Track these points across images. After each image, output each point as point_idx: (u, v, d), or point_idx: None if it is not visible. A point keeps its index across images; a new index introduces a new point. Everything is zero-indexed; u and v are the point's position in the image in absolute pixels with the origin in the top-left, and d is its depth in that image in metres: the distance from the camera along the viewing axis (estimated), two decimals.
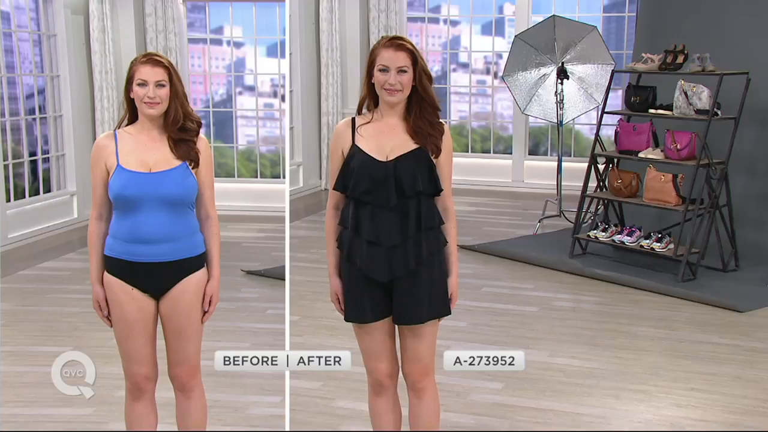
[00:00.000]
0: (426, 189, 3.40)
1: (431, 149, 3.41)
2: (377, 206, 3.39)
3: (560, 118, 8.74)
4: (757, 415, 4.65)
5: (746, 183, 7.48)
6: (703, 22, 7.72)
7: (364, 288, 3.45)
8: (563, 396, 4.88)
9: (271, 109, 10.57)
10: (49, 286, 7.12)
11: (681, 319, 6.16)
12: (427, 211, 3.42)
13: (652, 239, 7.12)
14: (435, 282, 3.47)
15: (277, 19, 10.33)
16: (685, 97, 6.91)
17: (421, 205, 3.40)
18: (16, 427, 4.55)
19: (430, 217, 3.43)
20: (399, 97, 3.38)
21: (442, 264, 3.50)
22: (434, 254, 3.45)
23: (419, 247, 3.41)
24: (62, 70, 9.14)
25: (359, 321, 3.50)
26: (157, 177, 3.48)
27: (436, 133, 3.42)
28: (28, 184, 8.86)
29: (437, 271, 3.47)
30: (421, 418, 3.60)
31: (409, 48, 3.38)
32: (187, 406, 3.72)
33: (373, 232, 3.39)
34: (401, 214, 3.39)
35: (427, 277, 3.44)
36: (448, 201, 3.51)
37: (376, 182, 3.37)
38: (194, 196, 3.57)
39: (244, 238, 8.63)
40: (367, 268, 3.42)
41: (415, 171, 3.38)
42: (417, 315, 3.45)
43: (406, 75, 3.36)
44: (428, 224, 3.42)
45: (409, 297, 3.44)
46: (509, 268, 7.51)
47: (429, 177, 3.40)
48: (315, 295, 6.62)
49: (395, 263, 3.40)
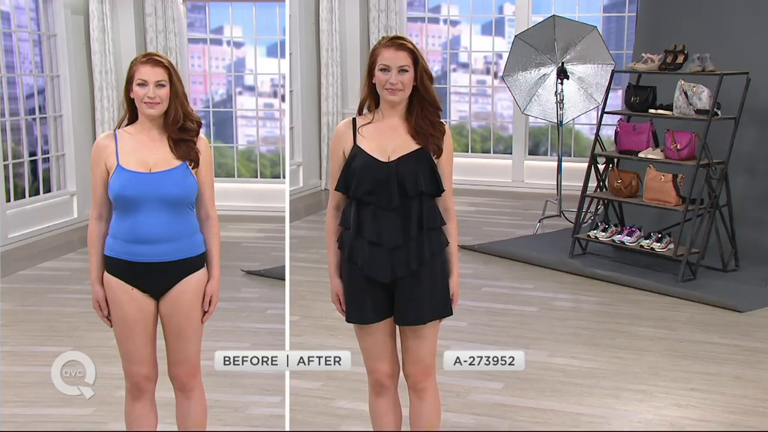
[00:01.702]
0: (428, 189, 3.40)
1: (433, 149, 3.41)
2: (379, 207, 3.39)
3: (560, 118, 8.74)
4: (757, 415, 4.65)
5: (746, 183, 7.48)
6: (703, 22, 7.72)
7: (366, 288, 3.45)
8: (563, 396, 4.88)
9: (271, 109, 10.57)
10: (49, 286, 7.12)
11: (681, 319, 6.16)
12: (429, 211, 3.42)
13: (652, 239, 7.12)
14: (437, 282, 3.47)
15: (277, 19, 10.33)
16: (685, 97, 6.91)
17: (423, 205, 3.40)
18: (16, 427, 4.55)
19: (432, 217, 3.43)
20: (400, 97, 3.37)
21: (444, 264, 3.50)
22: (436, 255, 3.45)
23: (421, 248, 3.41)
24: (62, 70, 9.13)
25: (361, 322, 3.49)
26: (157, 177, 3.48)
27: (437, 134, 3.41)
28: (28, 184, 8.86)
29: (439, 271, 3.47)
30: (422, 418, 3.60)
31: (410, 47, 3.38)
32: (187, 406, 3.72)
33: (375, 233, 3.39)
34: (403, 214, 3.39)
35: (428, 278, 3.44)
36: (449, 201, 3.50)
37: (378, 183, 3.37)
38: (194, 196, 3.57)
39: (244, 238, 8.63)
40: (369, 269, 3.42)
41: (417, 171, 3.37)
42: (419, 316, 3.45)
43: (407, 74, 3.36)
44: (430, 225, 3.42)
45: (410, 298, 3.43)
46: (509, 268, 7.51)
47: (431, 177, 3.40)
48: (315, 295, 6.61)
49: (397, 264, 3.40)
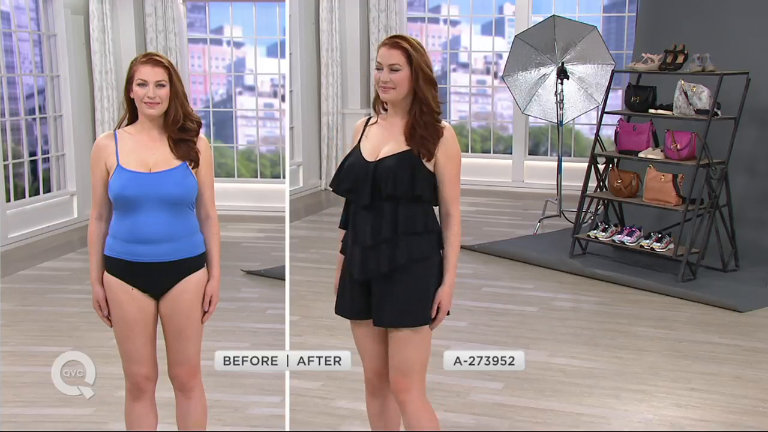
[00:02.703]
0: (404, 192, 3.31)
1: (423, 153, 3.32)
2: (357, 205, 3.39)
3: (560, 118, 8.74)
4: (757, 414, 4.65)
5: (746, 183, 7.48)
6: (703, 22, 7.71)
7: (348, 284, 3.47)
8: (563, 396, 4.88)
9: (271, 109, 10.56)
10: (49, 286, 7.12)
11: (681, 319, 6.16)
12: (408, 215, 3.34)
13: (652, 239, 7.12)
14: (414, 289, 3.36)
15: (277, 19, 10.32)
16: (685, 97, 6.91)
17: (399, 207, 3.33)
18: (16, 427, 4.55)
19: (411, 221, 3.34)
20: (392, 95, 3.33)
21: (429, 271, 3.39)
22: (416, 261, 3.36)
23: (394, 252, 3.33)
24: (62, 70, 9.13)
25: (340, 314, 3.53)
26: (157, 177, 3.48)
27: (429, 137, 3.32)
28: (28, 184, 8.86)
29: (419, 278, 3.37)
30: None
31: (404, 46, 3.32)
32: (187, 406, 3.72)
33: (353, 230, 3.41)
34: (376, 215, 3.35)
35: (405, 283, 3.35)
36: (451, 207, 3.40)
37: (357, 181, 3.36)
38: (194, 196, 3.56)
39: (244, 238, 8.62)
40: (349, 265, 3.44)
41: (396, 173, 3.31)
42: (391, 319, 3.38)
43: (398, 73, 3.31)
44: (407, 229, 3.34)
45: (383, 300, 3.38)
46: (509, 268, 7.51)
47: (410, 180, 3.31)
48: (315, 295, 6.61)
49: (369, 264, 3.36)
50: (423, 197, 3.35)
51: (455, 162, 3.39)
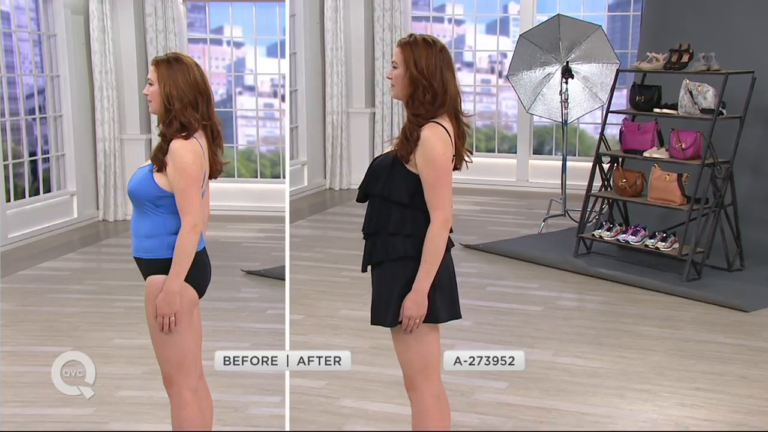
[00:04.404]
0: (379, 192, 3.33)
1: (400, 155, 3.31)
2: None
3: (565, 118, 8.70)
4: (762, 414, 4.62)
5: (751, 182, 7.45)
6: (708, 21, 7.69)
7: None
8: (568, 395, 4.85)
9: (271, 109, 10.55)
10: (49, 286, 7.09)
11: (686, 319, 6.13)
12: (381, 215, 3.35)
13: (656, 238, 7.08)
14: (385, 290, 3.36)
15: (277, 19, 10.31)
16: (690, 97, 6.87)
17: (375, 206, 3.37)
18: (16, 427, 4.53)
19: (383, 222, 3.34)
20: (394, 92, 3.39)
21: (400, 273, 3.34)
22: (394, 261, 3.33)
23: (371, 250, 3.40)
24: (62, 70, 9.11)
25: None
26: (134, 174, 3.58)
27: (406, 140, 3.30)
28: (28, 184, 8.83)
29: (389, 279, 3.35)
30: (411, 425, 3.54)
31: (406, 45, 3.33)
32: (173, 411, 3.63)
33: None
34: (369, 210, 3.42)
35: (378, 282, 3.41)
36: (432, 212, 3.29)
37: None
38: (149, 197, 3.46)
39: (244, 238, 8.59)
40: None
41: (374, 172, 3.37)
42: (375, 315, 3.43)
43: (396, 71, 3.36)
44: (379, 228, 3.36)
45: (373, 296, 3.44)
46: (514, 268, 7.48)
47: (385, 181, 3.32)
48: (319, 294, 6.60)
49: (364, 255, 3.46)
50: (392, 198, 3.32)
51: (432, 166, 3.26)
